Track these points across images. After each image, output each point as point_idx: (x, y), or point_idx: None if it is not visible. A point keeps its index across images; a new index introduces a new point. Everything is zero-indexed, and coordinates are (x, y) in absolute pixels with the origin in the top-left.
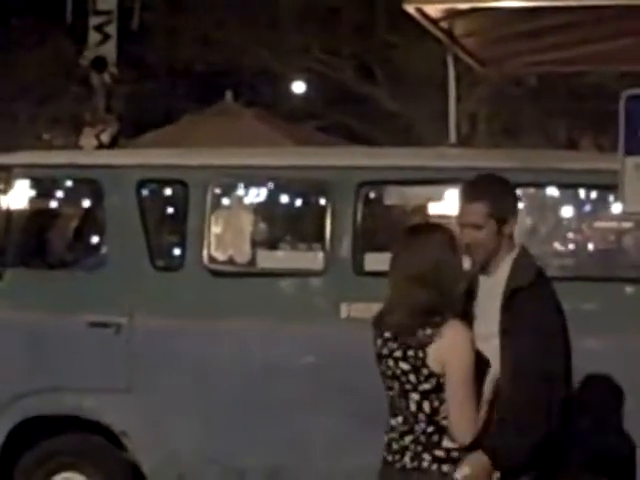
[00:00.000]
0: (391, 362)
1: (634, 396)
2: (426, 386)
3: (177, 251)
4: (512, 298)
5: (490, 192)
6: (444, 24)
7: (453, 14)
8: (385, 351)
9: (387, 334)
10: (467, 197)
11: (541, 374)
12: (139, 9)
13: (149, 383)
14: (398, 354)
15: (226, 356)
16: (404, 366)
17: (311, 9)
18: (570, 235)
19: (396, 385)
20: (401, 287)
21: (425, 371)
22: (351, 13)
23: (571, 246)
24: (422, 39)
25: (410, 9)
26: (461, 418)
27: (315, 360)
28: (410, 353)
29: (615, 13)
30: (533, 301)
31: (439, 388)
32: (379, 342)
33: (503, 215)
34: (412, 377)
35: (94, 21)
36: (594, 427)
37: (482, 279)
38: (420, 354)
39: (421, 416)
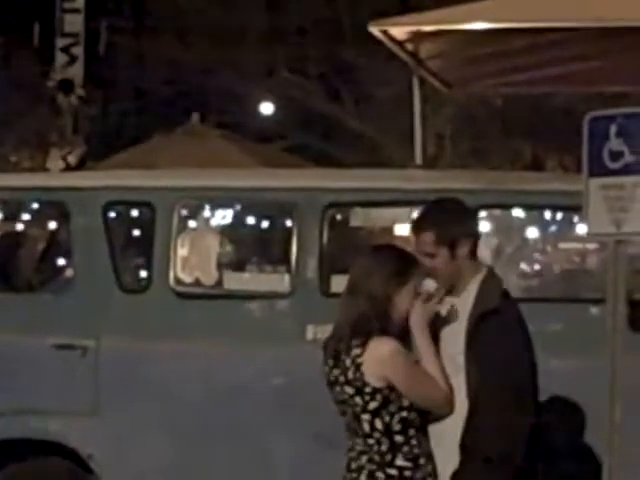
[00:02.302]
0: (338, 388)
1: (599, 417)
2: (373, 404)
3: (143, 273)
4: (478, 324)
5: (436, 220)
6: (409, 46)
7: (418, 36)
8: (331, 378)
9: (330, 361)
10: (416, 228)
11: (507, 413)
12: (106, 31)
13: (116, 405)
14: (342, 379)
15: (192, 378)
16: (349, 390)
17: (277, 30)
18: (535, 256)
19: (347, 409)
20: (340, 304)
21: (368, 389)
22: (317, 34)
23: (536, 267)
24: (389, 60)
25: (375, 31)
26: (433, 403)
27: (282, 382)
28: (350, 376)
29: (581, 35)
30: (498, 330)
31: (387, 403)
32: (326, 369)
33: (452, 240)
34: (358, 399)
35: (61, 43)
36: (559, 448)
37: (449, 300)
38: (357, 374)
39: (376, 434)
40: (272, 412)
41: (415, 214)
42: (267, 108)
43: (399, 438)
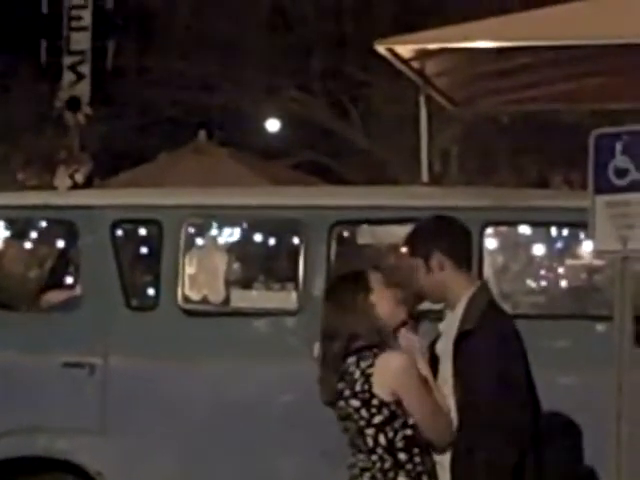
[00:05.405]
0: (342, 403)
1: (605, 432)
2: (379, 418)
3: (151, 291)
4: (456, 346)
5: (411, 235)
6: (415, 64)
7: (424, 54)
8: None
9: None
10: (402, 242)
11: (485, 434)
12: (113, 49)
13: (124, 423)
14: (347, 393)
15: (200, 395)
16: (354, 403)
17: (283, 47)
18: (541, 273)
19: (351, 425)
20: (323, 323)
21: (375, 402)
22: (324, 52)
23: (542, 284)
24: (395, 78)
25: (381, 49)
26: (434, 427)
27: (289, 399)
28: (357, 388)
29: (585, 53)
30: (472, 352)
31: (392, 418)
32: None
33: (424, 251)
34: (364, 412)
35: (68, 61)
36: (564, 462)
37: (448, 315)
38: (365, 386)
39: (378, 450)
40: (279, 429)
41: None
42: (273, 125)
43: (402, 456)
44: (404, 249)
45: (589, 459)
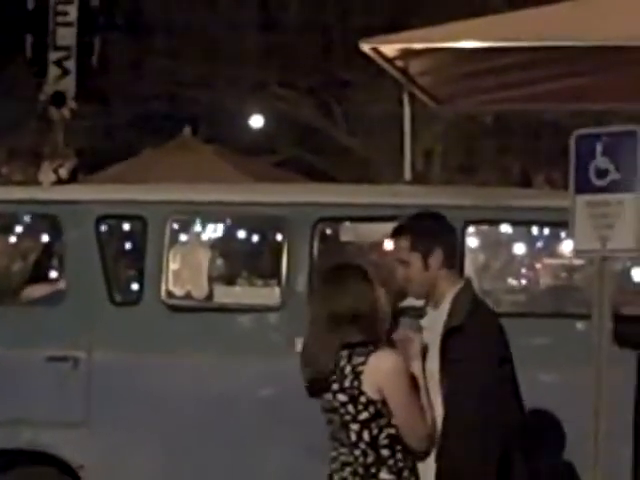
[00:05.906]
0: (329, 395)
1: (585, 429)
2: (364, 415)
3: (135, 286)
4: (444, 342)
5: (412, 227)
6: (399, 63)
7: (408, 53)
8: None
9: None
10: (394, 234)
11: (472, 428)
12: (99, 45)
13: (107, 417)
14: (335, 387)
15: (183, 390)
16: (342, 398)
17: (269, 45)
18: (522, 271)
19: (335, 418)
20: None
21: (362, 399)
22: (309, 50)
23: (523, 282)
24: (379, 76)
25: (366, 48)
26: (414, 434)
27: (271, 394)
28: (346, 384)
29: (568, 54)
30: (461, 348)
31: (378, 415)
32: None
33: (426, 247)
34: (350, 408)
35: (53, 56)
36: (544, 458)
37: (431, 312)
38: (355, 382)
39: (361, 445)
40: (262, 424)
41: None
42: (258, 122)
43: (385, 452)
44: (398, 243)
45: (568, 455)
